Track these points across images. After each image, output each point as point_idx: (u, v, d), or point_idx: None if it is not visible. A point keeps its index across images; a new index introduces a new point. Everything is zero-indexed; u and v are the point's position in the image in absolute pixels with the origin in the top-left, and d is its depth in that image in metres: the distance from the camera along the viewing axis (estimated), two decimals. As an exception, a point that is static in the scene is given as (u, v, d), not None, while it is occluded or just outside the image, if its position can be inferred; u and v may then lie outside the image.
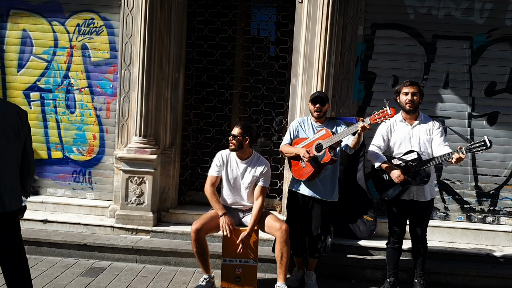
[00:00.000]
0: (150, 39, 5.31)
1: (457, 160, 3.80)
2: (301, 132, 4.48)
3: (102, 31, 5.74)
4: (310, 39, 5.21)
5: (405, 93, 4.18)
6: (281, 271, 4.21)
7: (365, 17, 5.48)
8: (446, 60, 5.51)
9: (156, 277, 4.69)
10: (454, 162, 3.84)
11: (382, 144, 4.31)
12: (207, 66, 5.89)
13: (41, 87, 5.85)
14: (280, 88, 5.84)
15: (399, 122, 4.30)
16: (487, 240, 5.48)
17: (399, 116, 4.30)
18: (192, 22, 5.83)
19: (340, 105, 5.46)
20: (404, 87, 4.19)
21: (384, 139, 4.32)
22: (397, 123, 4.30)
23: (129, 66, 5.50)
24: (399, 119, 4.30)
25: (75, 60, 5.78)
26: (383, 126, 4.33)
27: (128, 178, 5.38)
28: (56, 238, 5.14)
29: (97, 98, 5.81)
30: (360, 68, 5.57)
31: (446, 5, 5.46)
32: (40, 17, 5.76)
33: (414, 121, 4.25)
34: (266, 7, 5.90)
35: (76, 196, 5.93)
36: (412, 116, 4.25)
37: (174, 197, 5.78)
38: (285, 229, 4.17)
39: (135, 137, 5.42)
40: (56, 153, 5.92)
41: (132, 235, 5.36)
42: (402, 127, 4.27)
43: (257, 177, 4.38)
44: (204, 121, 5.96)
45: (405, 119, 4.28)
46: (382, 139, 4.32)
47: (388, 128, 4.31)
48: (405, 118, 4.28)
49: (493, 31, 5.46)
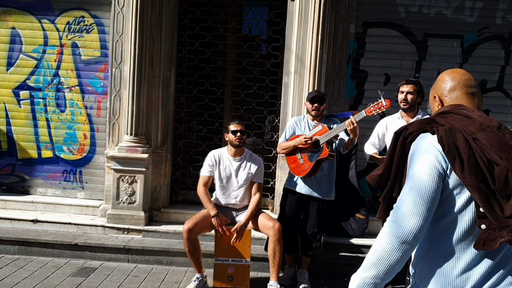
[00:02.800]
0: (141, 37, 5.28)
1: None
2: (297, 131, 4.48)
3: (93, 29, 5.69)
4: (302, 37, 5.21)
5: (401, 91, 4.22)
6: (274, 269, 4.21)
7: (357, 15, 5.49)
8: (437, 58, 5.53)
9: (148, 277, 4.67)
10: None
11: (376, 141, 4.37)
12: (198, 65, 5.87)
13: (30, 85, 5.79)
14: (272, 87, 5.84)
15: (396, 119, 4.35)
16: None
17: (398, 113, 4.36)
18: (184, 20, 5.81)
19: (332, 103, 5.47)
20: (402, 85, 4.24)
21: (378, 136, 4.38)
22: (395, 120, 4.36)
23: (120, 65, 5.47)
24: (397, 117, 4.35)
25: (65, 59, 5.73)
26: (380, 124, 4.40)
27: (119, 177, 5.35)
28: (46, 238, 5.10)
29: (88, 97, 5.76)
30: (352, 67, 5.58)
31: (437, 3, 5.48)
32: (29, 15, 5.70)
33: (411, 119, 4.27)
34: (257, 5, 5.89)
35: (67, 196, 5.88)
36: (410, 114, 4.28)
37: (165, 196, 5.75)
38: (278, 228, 4.17)
39: (126, 136, 5.39)
40: (46, 152, 5.87)
41: (124, 234, 5.33)
42: (399, 124, 4.28)
43: (252, 174, 4.40)
44: (196, 120, 5.94)
45: (402, 116, 4.32)
46: (377, 136, 4.39)
47: (385, 126, 4.37)
48: (403, 116, 4.32)
49: (483, 29, 5.49)
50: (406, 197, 1.64)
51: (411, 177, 1.66)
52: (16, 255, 5.01)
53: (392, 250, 1.62)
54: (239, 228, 4.27)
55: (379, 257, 1.65)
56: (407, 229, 1.60)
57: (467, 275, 1.61)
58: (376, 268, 1.65)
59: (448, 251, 1.64)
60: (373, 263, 1.66)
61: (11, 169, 5.91)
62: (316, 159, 4.20)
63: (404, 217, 1.61)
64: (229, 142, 4.41)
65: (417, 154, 1.67)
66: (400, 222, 1.62)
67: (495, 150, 1.60)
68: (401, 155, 1.77)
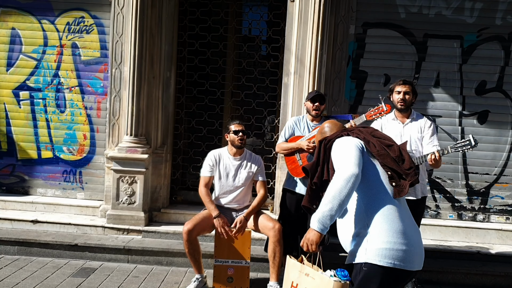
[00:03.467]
0: (141, 37, 5.28)
1: (432, 160, 3.79)
2: (296, 131, 4.47)
3: (93, 29, 5.69)
4: (302, 38, 5.21)
5: (397, 91, 4.19)
6: (274, 270, 4.21)
7: (357, 16, 5.49)
8: (437, 59, 5.53)
9: (147, 277, 4.67)
10: (429, 163, 3.85)
11: None
12: (198, 65, 5.87)
13: (30, 86, 5.79)
14: (272, 87, 5.84)
15: (391, 120, 4.31)
16: (478, 238, 5.52)
17: (391, 114, 4.32)
18: (184, 21, 5.81)
19: (332, 104, 5.47)
20: (397, 85, 4.20)
21: None
22: (389, 121, 4.31)
23: (120, 65, 5.47)
24: (391, 118, 4.31)
25: (65, 59, 5.73)
26: (375, 125, 4.34)
27: (119, 178, 5.35)
28: (46, 238, 5.10)
29: (88, 97, 5.76)
30: (352, 67, 5.58)
31: (437, 4, 5.48)
32: (29, 15, 5.70)
33: (406, 119, 4.26)
34: (257, 6, 5.89)
35: (67, 196, 5.88)
36: (404, 115, 4.26)
37: (165, 197, 5.76)
38: (278, 228, 4.17)
39: (126, 136, 5.39)
40: (46, 153, 5.87)
41: (124, 235, 5.33)
42: (393, 125, 4.28)
43: (253, 173, 4.42)
44: (196, 120, 5.94)
45: (397, 117, 4.29)
46: None
47: (380, 127, 4.32)
48: (397, 116, 4.29)
49: (483, 30, 5.49)
50: (341, 160, 2.45)
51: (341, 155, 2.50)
52: (16, 256, 5.01)
53: (343, 187, 2.32)
54: (241, 222, 4.26)
55: (333, 195, 2.33)
56: (350, 165, 2.38)
57: (396, 215, 2.43)
58: (331, 203, 2.33)
59: (382, 203, 2.44)
60: (328, 200, 2.33)
61: (11, 169, 5.91)
62: None
63: (345, 163, 2.40)
64: (231, 143, 4.41)
65: (341, 145, 2.56)
66: (343, 167, 2.39)
67: (387, 139, 2.68)
68: (324, 154, 2.66)
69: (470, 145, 3.72)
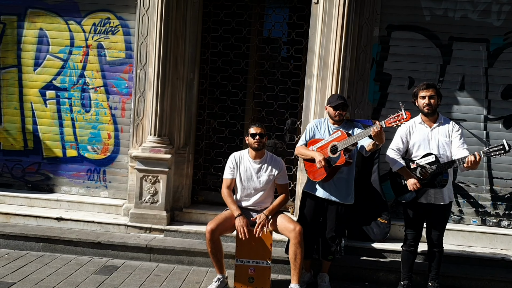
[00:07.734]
0: (166, 39, 5.33)
1: (469, 163, 3.75)
2: (317, 134, 4.46)
3: (118, 30, 5.78)
4: (326, 39, 5.20)
5: (422, 96, 4.14)
6: (295, 272, 4.20)
7: (381, 18, 5.47)
8: (462, 62, 5.47)
9: (169, 276, 4.71)
10: (465, 166, 3.81)
11: (401, 146, 4.28)
12: (221, 67, 5.90)
13: (57, 85, 5.90)
14: (294, 89, 5.84)
15: (418, 124, 4.27)
16: (502, 244, 5.42)
17: (418, 118, 4.28)
18: (207, 23, 5.85)
19: (355, 106, 5.44)
20: (421, 90, 4.15)
21: (403, 141, 4.29)
22: (416, 125, 4.27)
23: (144, 66, 5.53)
24: (418, 121, 4.27)
25: (90, 59, 5.83)
26: (402, 128, 4.29)
27: (142, 177, 5.41)
28: (70, 236, 5.18)
29: (113, 98, 5.85)
30: (376, 70, 5.55)
31: (463, 7, 5.42)
32: (56, 16, 5.82)
33: (433, 124, 4.21)
34: (281, 7, 5.90)
35: (91, 195, 5.98)
36: (431, 119, 4.22)
37: (187, 197, 5.80)
38: (299, 230, 4.16)
39: (150, 136, 5.44)
40: (71, 152, 5.97)
41: (146, 233, 5.39)
42: (421, 129, 4.24)
43: (274, 176, 4.42)
44: (218, 121, 5.97)
45: (424, 121, 4.25)
46: (401, 141, 4.29)
47: (407, 130, 4.28)
48: (424, 121, 4.24)
49: (510, 33, 5.41)
50: None
51: None
52: (41, 252, 5.10)
53: None
54: (261, 219, 4.25)
55: None
56: None
57: None
58: None
59: None
60: None
61: (36, 167, 6.02)
62: (332, 165, 4.18)
63: None
64: (249, 145, 4.43)
65: None
66: None
67: None
68: None
69: (504, 150, 3.66)
